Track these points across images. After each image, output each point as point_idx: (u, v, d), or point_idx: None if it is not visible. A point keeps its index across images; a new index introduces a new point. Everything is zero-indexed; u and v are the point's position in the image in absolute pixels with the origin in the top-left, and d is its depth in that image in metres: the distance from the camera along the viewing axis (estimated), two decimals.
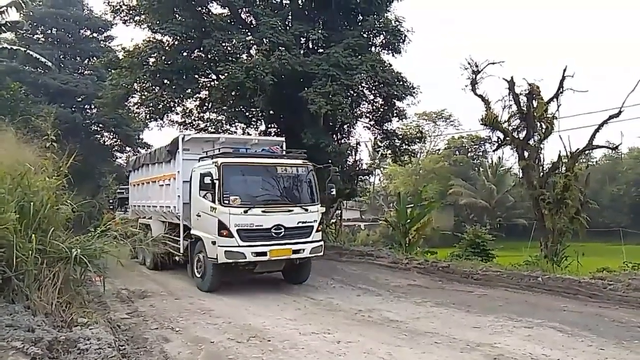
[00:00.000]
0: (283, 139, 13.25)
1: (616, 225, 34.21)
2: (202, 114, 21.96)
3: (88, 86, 30.79)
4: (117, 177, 29.18)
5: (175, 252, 11.60)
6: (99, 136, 34.70)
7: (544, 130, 15.06)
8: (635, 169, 43.08)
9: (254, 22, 18.32)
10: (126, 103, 21.26)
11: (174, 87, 19.03)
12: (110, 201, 22.52)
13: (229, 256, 9.72)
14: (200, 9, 18.35)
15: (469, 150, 50.15)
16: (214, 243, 9.91)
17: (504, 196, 43.61)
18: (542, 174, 15.02)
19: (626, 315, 7.80)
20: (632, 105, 14.96)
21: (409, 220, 16.88)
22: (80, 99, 32.13)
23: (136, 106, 21.08)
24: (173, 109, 21.12)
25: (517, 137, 15.43)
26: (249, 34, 18.17)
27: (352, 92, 17.62)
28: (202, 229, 10.47)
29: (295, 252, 10.17)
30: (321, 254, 10.80)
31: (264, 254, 9.86)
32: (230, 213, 9.76)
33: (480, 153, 50.23)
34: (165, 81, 19.00)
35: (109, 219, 9.14)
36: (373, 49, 18.49)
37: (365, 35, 18.06)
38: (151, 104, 19.64)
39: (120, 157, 36.63)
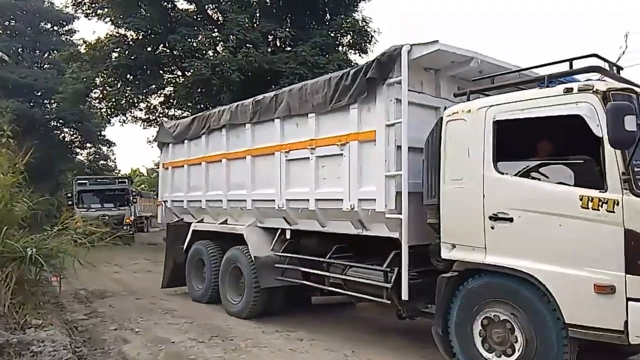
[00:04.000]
0: None
1: None
2: (166, 110, 21.65)
3: (48, 80, 29.86)
4: (79, 174, 28.41)
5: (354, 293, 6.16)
6: (59, 132, 33.71)
7: None
8: None
9: (220, 18, 18.18)
10: (87, 98, 20.75)
11: (137, 82, 18.68)
12: (69, 196, 21.18)
13: None
14: (165, 3, 18.10)
15: None
16: (605, 292, 3.81)
17: None
18: None
19: None
20: None
21: None
22: (39, 94, 31.17)
23: (98, 101, 20.60)
24: (136, 104, 20.76)
25: None
26: (216, 30, 18.01)
27: None
28: (530, 254, 4.26)
29: None
30: None
31: None
32: None
33: None
34: (129, 76, 18.64)
35: (67, 217, 8.89)
36: (340, 48, 18.64)
37: (332, 35, 18.16)
38: (113, 100, 19.26)
39: (80, 154, 35.73)
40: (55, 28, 33.86)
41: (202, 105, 19.28)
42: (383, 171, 5.47)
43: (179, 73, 19.40)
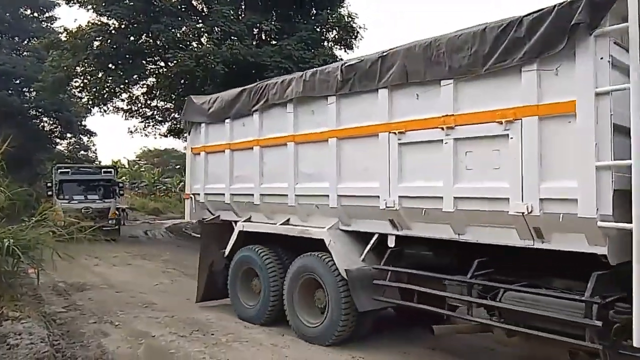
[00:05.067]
0: None
1: None
2: (149, 102, 21.39)
3: (27, 68, 29.13)
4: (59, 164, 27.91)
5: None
6: (38, 121, 32.95)
7: None
8: None
9: (205, 10, 17.99)
10: (68, 87, 20.36)
11: (119, 72, 18.39)
12: (49, 186, 19.59)
13: None
14: None
15: None
16: None
17: None
18: None
19: None
20: None
21: None
22: (18, 82, 30.43)
23: (78, 90, 20.24)
24: (118, 95, 20.43)
25: None
26: (200, 21, 17.81)
27: None
28: None
29: None
30: None
31: None
32: None
33: None
34: (110, 65, 18.34)
35: (46, 208, 8.75)
36: (326, 43, 18.63)
37: (318, 30, 18.13)
38: (94, 89, 18.93)
39: (60, 144, 35.09)
40: (36, 14, 33.08)
41: (185, 97, 19.10)
42: (591, 160, 3.89)
43: (162, 64, 19.14)
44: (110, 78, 18.77)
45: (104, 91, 19.31)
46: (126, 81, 19.20)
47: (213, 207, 7.99)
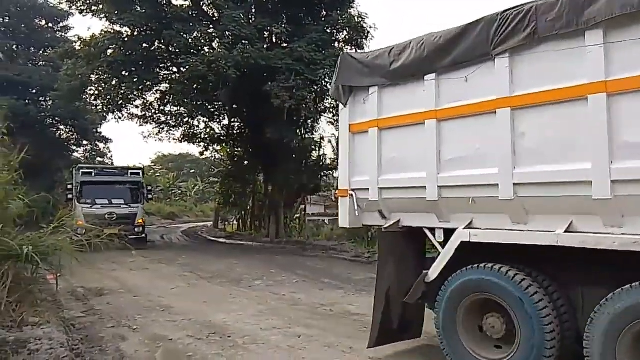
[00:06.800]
0: None
1: None
2: (162, 107, 21.62)
3: (43, 78, 29.65)
4: None
5: None
6: (55, 129, 33.50)
7: None
8: None
9: (216, 14, 18.13)
10: (83, 95, 20.66)
11: (133, 78, 18.63)
12: (69, 188, 17.85)
13: None
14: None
15: None
16: None
17: None
18: None
19: None
20: None
21: None
22: (34, 91, 30.96)
23: (93, 98, 20.53)
24: (132, 101, 20.69)
25: None
26: (211, 26, 17.96)
27: (316, 87, 17.67)
28: None
29: None
30: None
31: None
32: None
33: None
34: (124, 72, 18.57)
35: (64, 214, 8.85)
36: (336, 44, 18.68)
37: (328, 31, 18.16)
38: (109, 96, 19.18)
39: (77, 151, 35.60)
40: (50, 25, 33.60)
41: (198, 102, 19.28)
42: None
43: (175, 69, 19.35)
44: (124, 85, 19.01)
45: (118, 98, 19.55)
46: (140, 88, 19.45)
47: (392, 207, 5.43)
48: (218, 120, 23.27)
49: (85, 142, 35.08)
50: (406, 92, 5.26)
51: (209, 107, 20.95)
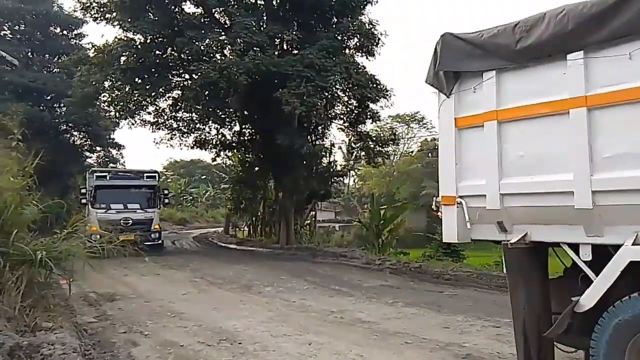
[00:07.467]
0: None
1: None
2: (174, 114, 21.79)
3: (57, 84, 30.07)
4: None
5: None
6: (69, 135, 33.89)
7: None
8: None
9: (227, 22, 18.27)
10: (96, 101, 20.91)
11: (146, 85, 18.81)
12: (83, 192, 17.36)
13: None
14: (172, 7, 18.18)
15: None
16: None
17: None
18: None
19: None
20: None
21: (382, 222, 17.06)
22: (48, 97, 31.41)
23: (106, 104, 20.76)
24: (145, 107, 20.89)
25: None
26: (223, 33, 18.10)
27: (326, 93, 17.72)
28: None
29: None
30: None
31: None
32: None
33: None
34: (137, 79, 18.78)
35: (77, 220, 8.93)
36: (347, 51, 18.72)
37: (339, 38, 18.22)
38: (122, 103, 19.38)
39: (90, 157, 35.97)
40: (64, 32, 34.07)
41: (209, 108, 19.42)
42: None
43: (187, 76, 19.51)
44: (137, 91, 19.22)
45: (131, 104, 19.76)
46: (152, 94, 19.65)
47: (516, 217, 4.39)
48: (229, 126, 23.40)
49: (98, 148, 35.42)
50: (538, 76, 4.25)
51: (220, 113, 21.10)
